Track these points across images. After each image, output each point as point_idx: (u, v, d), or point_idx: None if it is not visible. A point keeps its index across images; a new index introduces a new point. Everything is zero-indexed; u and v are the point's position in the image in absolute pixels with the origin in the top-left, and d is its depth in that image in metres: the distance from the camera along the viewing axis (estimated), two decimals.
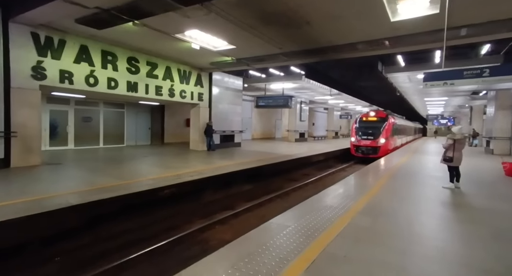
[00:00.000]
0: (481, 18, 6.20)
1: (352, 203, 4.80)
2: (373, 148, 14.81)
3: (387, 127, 15.15)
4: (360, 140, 15.25)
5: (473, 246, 3.21)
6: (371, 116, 16.17)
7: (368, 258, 2.84)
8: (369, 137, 15.02)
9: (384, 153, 14.40)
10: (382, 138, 14.69)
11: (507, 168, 7.73)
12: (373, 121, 15.88)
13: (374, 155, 14.36)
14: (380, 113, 16.39)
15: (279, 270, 2.57)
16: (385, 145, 14.70)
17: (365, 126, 15.84)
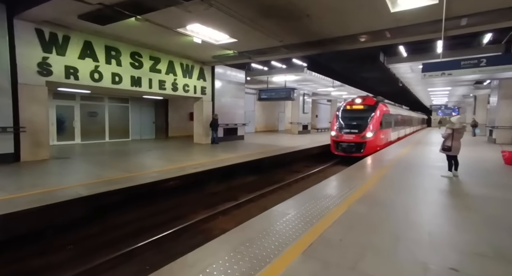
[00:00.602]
0: (481, 8, 6.18)
1: (350, 193, 4.95)
2: (357, 144, 11.63)
3: (376, 117, 12.05)
4: (342, 134, 12.05)
5: (464, 231, 3.35)
6: (357, 103, 12.94)
7: (362, 242, 3.01)
8: (352, 130, 11.89)
9: (371, 150, 11.34)
10: (368, 132, 11.60)
11: (506, 156, 7.79)
12: (358, 110, 12.74)
13: (358, 153, 11.40)
14: (368, 99, 13.15)
15: (278, 253, 2.75)
16: (373, 141, 11.64)
17: (348, 116, 12.72)
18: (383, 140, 12.88)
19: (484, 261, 2.60)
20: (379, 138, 12.27)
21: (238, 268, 2.45)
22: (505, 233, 3.28)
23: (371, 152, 11.10)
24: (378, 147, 12.04)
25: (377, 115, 12.16)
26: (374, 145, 11.75)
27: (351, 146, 11.78)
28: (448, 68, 5.68)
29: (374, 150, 11.50)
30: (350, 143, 11.81)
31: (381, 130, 12.43)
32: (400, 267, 2.49)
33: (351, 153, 11.72)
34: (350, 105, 13.10)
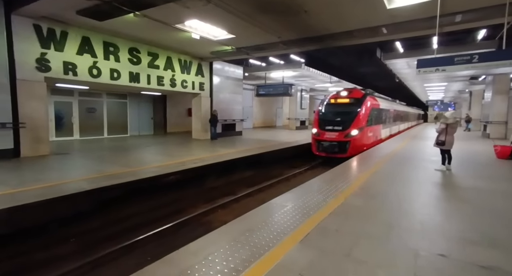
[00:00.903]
0: (475, 4, 6.29)
1: (346, 186, 5.10)
2: (340, 143, 10.12)
3: (364, 112, 10.54)
4: (323, 132, 10.48)
5: (454, 220, 3.51)
6: (342, 97, 11.35)
7: (357, 231, 3.15)
8: (335, 127, 10.34)
9: (357, 150, 9.99)
10: (353, 129, 10.07)
11: (498, 150, 7.99)
12: (343, 104, 11.19)
13: (342, 154, 9.91)
14: (354, 92, 11.56)
15: (276, 242, 2.89)
16: (358, 139, 10.17)
17: (331, 111, 11.17)
18: (371, 138, 11.36)
19: (471, 247, 2.76)
20: (367, 136, 10.80)
21: (239, 256, 2.58)
22: (491, 221, 3.45)
23: (357, 152, 9.72)
24: (365, 146, 10.61)
25: (365, 110, 10.62)
26: (360, 144, 10.31)
27: (333, 145, 10.20)
28: (442, 64, 5.81)
29: (361, 150, 10.11)
30: (333, 142, 10.22)
31: (369, 126, 10.98)
32: (392, 254, 2.64)
33: (334, 153, 10.20)
34: (334, 99, 11.42)
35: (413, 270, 2.34)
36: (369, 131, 11.07)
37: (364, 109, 10.65)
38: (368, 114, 10.78)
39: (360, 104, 10.74)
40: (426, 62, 6.07)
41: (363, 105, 10.70)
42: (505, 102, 13.72)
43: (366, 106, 10.81)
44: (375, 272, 2.32)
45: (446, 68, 5.73)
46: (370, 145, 11.10)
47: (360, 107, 10.62)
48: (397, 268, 2.39)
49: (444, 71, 5.80)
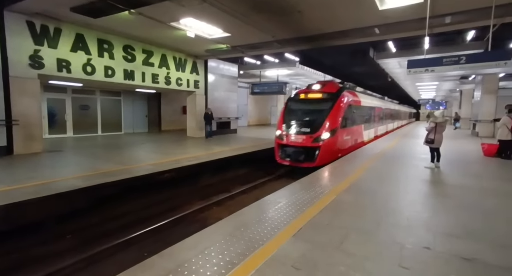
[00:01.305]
0: (464, 6, 6.48)
1: (338, 183, 5.25)
2: (306, 149, 8.16)
3: (338, 110, 8.61)
4: (289, 134, 8.57)
5: (439, 216, 3.68)
6: (313, 91, 9.38)
7: (346, 226, 3.29)
8: (303, 129, 8.44)
9: (329, 157, 8.10)
10: (324, 131, 8.15)
11: (485, 148, 8.26)
12: (314, 100, 9.20)
13: (309, 162, 8.03)
14: (328, 86, 9.59)
15: (270, 236, 3.00)
16: (330, 144, 8.21)
17: (299, 109, 9.25)
18: (348, 142, 9.39)
19: (454, 240, 2.92)
20: (342, 140, 8.81)
21: (234, 249, 2.69)
22: (474, 216, 3.63)
23: (329, 160, 7.88)
24: (339, 152, 8.63)
25: (339, 108, 8.64)
26: (332, 150, 8.31)
27: (298, 152, 8.18)
28: (431, 64, 5.99)
29: (334, 157, 8.20)
30: (298, 147, 8.23)
31: (346, 128, 9.03)
32: (380, 247, 2.78)
33: (299, 162, 8.19)
34: (304, 94, 9.41)
35: (398, 261, 2.48)
36: (346, 134, 9.10)
37: (338, 106, 8.63)
38: (344, 112, 8.79)
39: (334, 100, 8.70)
40: (416, 62, 6.24)
41: (337, 102, 8.66)
42: (493, 101, 14.09)
43: (342, 103, 8.80)
44: (363, 263, 2.45)
45: (435, 69, 5.91)
46: (347, 151, 9.13)
47: (334, 104, 8.60)
48: (383, 259, 2.53)
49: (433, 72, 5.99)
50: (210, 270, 2.33)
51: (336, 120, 8.48)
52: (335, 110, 8.57)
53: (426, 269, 2.37)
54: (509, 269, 2.38)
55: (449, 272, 2.31)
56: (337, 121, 8.48)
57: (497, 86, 14.38)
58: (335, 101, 8.73)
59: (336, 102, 8.69)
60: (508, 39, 10.57)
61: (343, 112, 8.82)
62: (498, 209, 3.91)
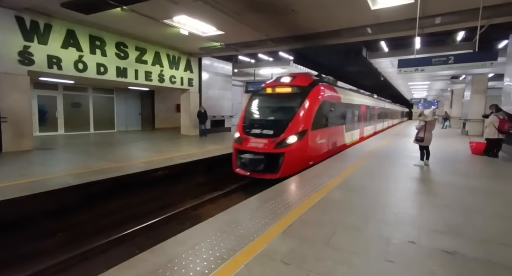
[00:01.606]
0: (453, 7, 6.61)
1: (329, 181, 5.32)
2: (267, 157, 6.56)
3: (309, 108, 7.11)
4: (248, 138, 6.98)
5: (426, 212, 3.78)
6: (280, 85, 7.76)
7: (335, 221, 3.36)
8: (265, 131, 6.90)
9: (296, 167, 6.57)
10: (290, 134, 6.67)
11: (473, 147, 8.45)
12: (282, 96, 7.68)
13: (271, 173, 6.51)
14: (299, 79, 7.81)
15: (260, 233, 3.05)
16: (298, 150, 6.68)
17: (264, 106, 7.84)
18: (323, 147, 7.78)
19: (438, 235, 3.01)
20: (314, 144, 7.24)
21: (224, 245, 2.73)
22: (458, 212, 3.74)
23: (296, 170, 6.36)
24: (311, 159, 7.09)
25: (311, 105, 7.13)
26: (301, 157, 6.73)
27: (256, 160, 6.49)
28: (421, 64, 6.11)
29: (303, 165, 6.67)
30: (257, 154, 6.56)
31: (320, 130, 7.47)
32: (366, 242, 2.86)
33: (258, 172, 6.55)
34: (271, 88, 7.82)
35: (384, 255, 2.56)
36: (320, 137, 7.51)
37: (310, 103, 7.09)
38: (317, 110, 7.22)
39: (305, 95, 7.17)
40: (406, 62, 6.36)
41: (309, 98, 7.12)
42: (483, 101, 14.38)
43: (315, 99, 7.26)
44: (350, 257, 2.52)
45: (424, 68, 6.04)
46: (322, 157, 7.63)
47: (304, 101, 7.07)
48: (370, 254, 2.60)
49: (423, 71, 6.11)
50: (199, 265, 2.37)
51: (307, 119, 6.90)
52: (305, 108, 6.99)
53: (410, 262, 2.45)
54: (485, 261, 2.49)
55: (431, 265, 2.39)
56: (307, 121, 6.89)
57: (486, 86, 14.69)
58: (306, 96, 7.15)
59: (307, 98, 7.12)
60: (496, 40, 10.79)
61: (316, 110, 7.23)
62: (480, 206, 4.04)
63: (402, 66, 6.33)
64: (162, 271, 2.28)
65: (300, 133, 6.70)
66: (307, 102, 7.10)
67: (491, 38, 10.01)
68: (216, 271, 2.30)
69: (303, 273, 2.28)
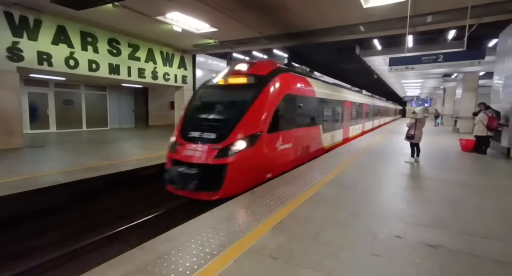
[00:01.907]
0: (444, 6, 6.69)
1: (321, 177, 5.38)
2: (206, 169, 4.77)
3: (265, 103, 5.52)
4: (185, 142, 5.24)
5: (413, 207, 3.86)
6: (234, 73, 6.18)
7: (325, 217, 3.41)
8: (205, 135, 5.15)
9: (245, 183, 4.93)
10: (237, 139, 4.96)
11: (463, 144, 8.61)
12: (233, 87, 6.05)
13: (212, 191, 4.76)
14: (257, 66, 6.25)
15: (250, 228, 3.09)
16: (248, 159, 4.98)
17: (211, 101, 6.08)
18: (288, 153, 6.13)
19: (423, 229, 3.09)
20: (272, 152, 5.60)
21: (214, 242, 2.76)
22: (444, 207, 3.82)
23: (246, 186, 4.83)
24: (267, 171, 5.44)
25: (269, 100, 5.56)
26: (252, 170, 5.11)
27: (188, 175, 4.79)
28: (411, 62, 6.19)
29: (256, 180, 5.11)
30: (193, 166, 4.89)
31: (281, 132, 5.76)
32: (354, 236, 2.91)
33: (192, 190, 4.77)
34: (223, 78, 6.20)
35: (371, 249, 2.62)
36: (282, 141, 5.77)
37: (268, 97, 5.49)
38: (277, 107, 5.58)
39: (261, 87, 5.53)
40: (397, 60, 6.43)
41: (266, 90, 5.50)
42: (473, 99, 14.61)
43: (275, 91, 5.63)
44: (337, 252, 2.58)
45: (415, 66, 6.12)
46: (286, 166, 5.97)
47: (259, 94, 5.44)
48: (356, 248, 2.66)
49: (413, 69, 6.20)
50: (189, 261, 2.39)
51: (261, 118, 5.19)
52: (261, 103, 5.33)
53: (395, 255, 2.51)
54: (467, 253, 2.57)
55: (415, 258, 2.46)
56: (262, 121, 5.21)
57: (477, 84, 14.93)
58: (263, 88, 5.51)
59: (263, 90, 5.47)
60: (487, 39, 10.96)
61: (277, 106, 5.56)
62: (466, 200, 4.14)
63: (393, 64, 6.41)
64: (152, 267, 2.30)
65: (251, 137, 4.97)
66: (263, 96, 5.43)
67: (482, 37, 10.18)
68: (205, 266, 2.33)
69: (290, 267, 2.33)
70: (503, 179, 5.57)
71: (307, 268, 2.31)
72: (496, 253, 2.58)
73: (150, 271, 2.25)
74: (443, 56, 5.81)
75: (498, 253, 2.57)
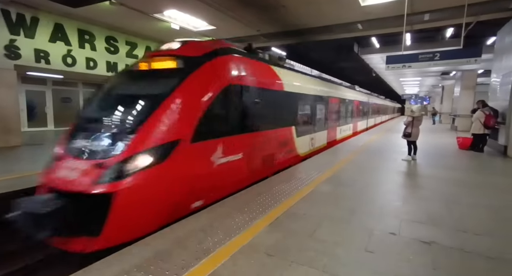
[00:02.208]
0: (441, 4, 6.70)
1: (318, 175, 5.41)
2: (80, 200, 2.91)
3: (191, 97, 3.73)
4: (64, 156, 3.37)
5: (408, 204, 3.89)
6: (159, 55, 4.25)
7: (321, 214, 3.44)
8: (93, 144, 3.36)
9: (144, 222, 3.15)
10: (139, 153, 3.15)
11: (460, 142, 8.65)
12: (151, 74, 4.11)
13: (85, 235, 2.95)
14: (191, 45, 4.37)
15: (247, 226, 3.11)
16: (152, 184, 3.17)
17: (114, 95, 4.12)
18: (227, 171, 4.37)
19: (418, 226, 3.12)
20: (200, 170, 3.85)
21: (211, 239, 2.79)
22: (439, 204, 3.86)
23: (147, 227, 3.15)
24: (193, 199, 3.72)
25: (197, 91, 3.88)
26: (160, 200, 3.31)
27: (43, 215, 2.69)
28: (408, 61, 6.21)
29: (171, 215, 3.40)
30: (63, 196, 2.96)
31: (217, 139, 4.11)
32: (350, 234, 2.94)
33: (53, 235, 2.85)
34: (144, 61, 4.33)
35: (365, 245, 2.65)
36: (219, 152, 4.15)
37: (194, 88, 3.88)
38: (211, 103, 3.97)
39: (187, 74, 3.91)
40: (394, 58, 6.45)
41: (192, 79, 3.89)
42: (472, 97, 14.66)
43: (207, 80, 4.08)
44: (332, 248, 2.61)
45: (412, 65, 6.14)
46: (227, 188, 4.41)
47: (183, 83, 3.81)
48: (351, 245, 2.69)
49: (410, 67, 6.21)
50: (185, 258, 2.42)
51: (181, 119, 3.58)
52: (182, 96, 3.69)
53: (389, 252, 2.54)
54: (460, 249, 2.60)
55: (408, 254, 2.49)
56: (183, 123, 3.61)
57: (475, 82, 14.96)
58: (189, 75, 3.89)
59: (189, 79, 3.86)
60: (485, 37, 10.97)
61: (212, 101, 3.98)
62: (461, 198, 4.18)
63: (390, 63, 6.42)
64: (147, 264, 2.32)
65: (161, 148, 3.32)
66: (188, 85, 3.79)
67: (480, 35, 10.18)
68: (201, 262, 2.35)
69: (285, 263, 2.36)
70: (499, 177, 5.61)
71: (301, 265, 2.34)
72: (487, 249, 2.62)
73: (146, 268, 2.27)
74: (440, 54, 5.83)
75: (488, 249, 2.61)
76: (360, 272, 2.25)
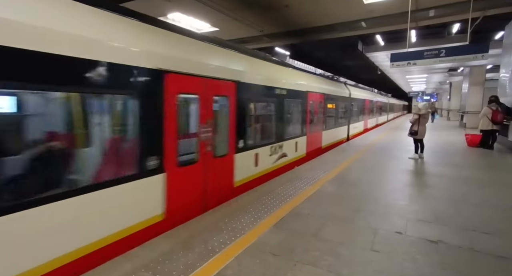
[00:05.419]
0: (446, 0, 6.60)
1: (323, 175, 5.39)
2: None
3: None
4: None
5: (414, 203, 3.85)
6: None
7: (326, 214, 3.44)
8: None
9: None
10: None
11: (469, 139, 8.49)
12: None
13: None
14: None
15: (252, 226, 3.13)
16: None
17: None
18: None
19: (424, 225, 3.09)
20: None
21: (217, 239, 2.81)
22: (446, 203, 3.81)
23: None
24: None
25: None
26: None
27: None
28: (413, 58, 6.13)
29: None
30: None
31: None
32: (355, 233, 2.93)
33: None
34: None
35: (370, 245, 2.63)
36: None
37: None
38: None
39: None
40: (398, 56, 6.37)
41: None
42: (480, 93, 14.37)
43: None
44: (337, 248, 2.60)
45: (417, 62, 6.05)
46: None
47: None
48: (356, 244, 2.68)
49: (415, 65, 6.13)
50: (191, 258, 2.45)
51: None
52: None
53: (395, 251, 2.53)
54: (468, 249, 2.57)
55: (415, 253, 2.47)
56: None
57: (483, 77, 14.66)
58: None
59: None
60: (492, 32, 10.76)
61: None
62: (469, 196, 4.11)
63: (395, 60, 6.35)
64: (153, 265, 2.36)
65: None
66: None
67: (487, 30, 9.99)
68: (207, 263, 2.38)
69: (290, 263, 2.36)
70: (509, 175, 5.50)
71: (306, 264, 2.34)
72: (498, 248, 2.57)
73: (153, 268, 2.30)
74: (445, 50, 5.74)
75: (499, 249, 2.56)
76: (365, 272, 2.24)
